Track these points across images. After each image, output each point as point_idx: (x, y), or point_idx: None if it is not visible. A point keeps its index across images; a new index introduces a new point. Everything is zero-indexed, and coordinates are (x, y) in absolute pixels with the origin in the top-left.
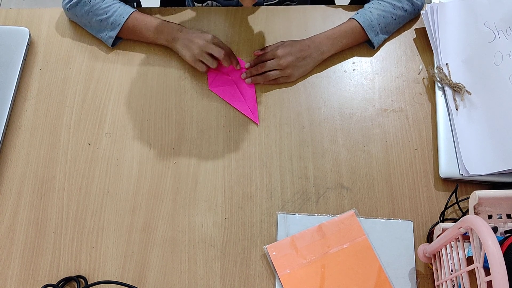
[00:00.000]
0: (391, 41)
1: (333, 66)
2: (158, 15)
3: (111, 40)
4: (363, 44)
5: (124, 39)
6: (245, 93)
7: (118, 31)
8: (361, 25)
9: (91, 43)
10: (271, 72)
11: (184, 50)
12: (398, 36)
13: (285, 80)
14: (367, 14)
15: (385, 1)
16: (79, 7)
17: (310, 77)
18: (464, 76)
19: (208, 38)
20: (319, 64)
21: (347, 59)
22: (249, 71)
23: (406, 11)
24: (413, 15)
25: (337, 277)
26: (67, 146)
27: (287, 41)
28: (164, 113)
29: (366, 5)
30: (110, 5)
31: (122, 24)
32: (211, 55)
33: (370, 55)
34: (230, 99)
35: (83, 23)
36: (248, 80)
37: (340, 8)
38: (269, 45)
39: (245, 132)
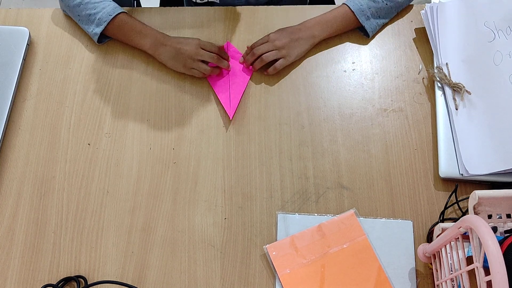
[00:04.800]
0: (391, 41)
1: (333, 66)
2: (155, 16)
3: (96, 37)
4: (364, 39)
5: (112, 39)
6: (234, 87)
7: (103, 28)
8: (351, 10)
9: (91, 43)
10: (268, 54)
11: (172, 61)
12: (398, 36)
13: (283, 62)
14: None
15: None
16: None
17: (310, 77)
18: (464, 76)
19: (195, 43)
20: (318, 63)
21: (347, 59)
22: (246, 59)
23: None
24: (408, 1)
25: (337, 277)
26: (67, 146)
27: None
28: (164, 113)
29: None
30: (102, 1)
31: (108, 22)
32: (203, 61)
33: (370, 54)
34: (217, 88)
35: (74, 15)
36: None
37: None
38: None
39: (245, 132)
